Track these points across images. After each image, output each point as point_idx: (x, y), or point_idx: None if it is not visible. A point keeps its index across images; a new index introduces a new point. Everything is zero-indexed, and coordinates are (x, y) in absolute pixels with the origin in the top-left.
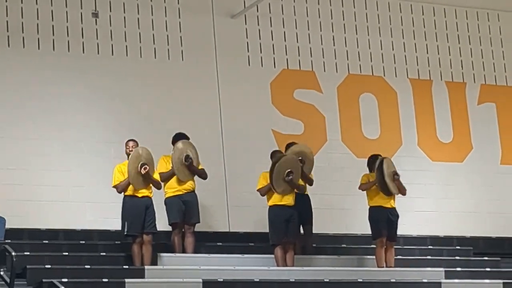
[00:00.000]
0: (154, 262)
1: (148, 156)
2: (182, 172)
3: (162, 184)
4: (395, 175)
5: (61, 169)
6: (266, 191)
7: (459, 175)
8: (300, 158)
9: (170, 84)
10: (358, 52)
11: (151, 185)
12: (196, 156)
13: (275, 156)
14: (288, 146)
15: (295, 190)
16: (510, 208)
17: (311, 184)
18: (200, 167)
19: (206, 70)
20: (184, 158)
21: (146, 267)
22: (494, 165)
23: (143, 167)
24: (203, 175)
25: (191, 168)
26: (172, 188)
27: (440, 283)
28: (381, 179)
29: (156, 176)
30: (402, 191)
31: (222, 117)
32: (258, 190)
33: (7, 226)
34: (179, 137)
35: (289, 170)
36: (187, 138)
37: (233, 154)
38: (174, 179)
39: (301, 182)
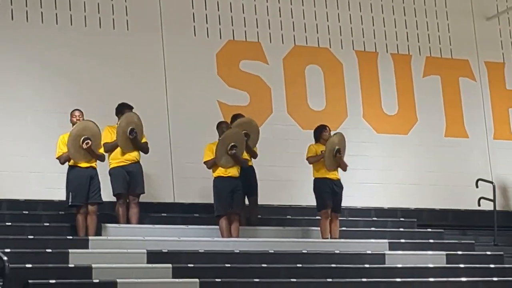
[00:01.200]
0: (98, 232)
1: (93, 130)
2: (126, 144)
3: (106, 155)
4: (337, 153)
5: (5, 139)
6: (212, 164)
7: (403, 147)
8: (245, 131)
9: (115, 54)
10: (304, 24)
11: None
12: (141, 129)
13: (221, 127)
14: (234, 117)
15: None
16: (454, 180)
17: (255, 157)
18: (143, 140)
19: (151, 40)
20: (129, 132)
21: (90, 237)
22: (438, 138)
23: (85, 142)
24: (145, 149)
25: (134, 141)
26: (117, 159)
27: (384, 254)
28: (327, 155)
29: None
30: (343, 167)
31: (167, 87)
32: (204, 163)
33: None
34: (123, 107)
35: (232, 143)
36: (131, 108)
37: (178, 124)
38: (118, 150)
39: (245, 155)
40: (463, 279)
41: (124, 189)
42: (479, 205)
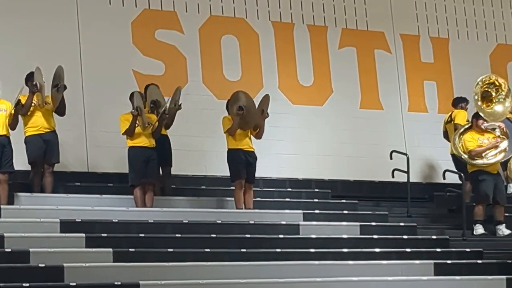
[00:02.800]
0: (10, 201)
1: None
2: (55, 98)
3: (22, 121)
4: (239, 110)
5: None
6: (131, 132)
7: (319, 119)
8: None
9: (28, 19)
10: None
11: (6, 124)
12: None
13: (134, 96)
14: (148, 86)
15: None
16: (369, 152)
17: (168, 127)
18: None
19: (66, 8)
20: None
21: (2, 206)
22: (353, 109)
23: None
24: (62, 108)
25: (58, 96)
26: (33, 127)
27: (298, 225)
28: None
29: None
30: (261, 132)
31: (81, 55)
32: (124, 132)
33: None
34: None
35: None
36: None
37: (93, 93)
38: (35, 118)
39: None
40: (377, 250)
41: (39, 158)
42: (393, 176)
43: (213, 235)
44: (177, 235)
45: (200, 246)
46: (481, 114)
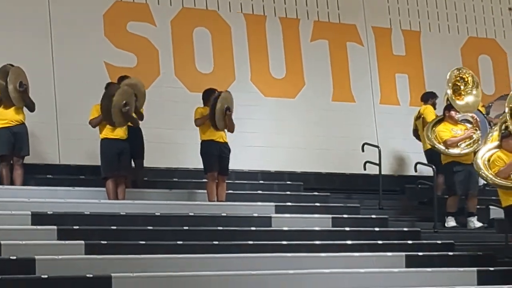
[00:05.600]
0: None
1: None
2: (18, 99)
3: None
4: (227, 111)
5: None
6: (97, 123)
7: (291, 111)
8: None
9: None
10: None
11: None
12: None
13: (110, 88)
14: (120, 78)
15: (130, 123)
16: (341, 144)
17: (141, 120)
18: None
19: (37, 0)
20: (18, 84)
21: None
22: (325, 102)
23: None
24: (31, 105)
25: (24, 95)
26: (2, 119)
27: (270, 217)
28: (213, 113)
29: None
30: (230, 128)
31: (53, 47)
32: (89, 122)
33: None
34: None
35: (125, 101)
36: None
37: (65, 85)
38: (3, 111)
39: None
40: (349, 242)
41: (8, 151)
42: (364, 169)
43: (185, 228)
44: (149, 227)
45: (172, 239)
46: (454, 106)
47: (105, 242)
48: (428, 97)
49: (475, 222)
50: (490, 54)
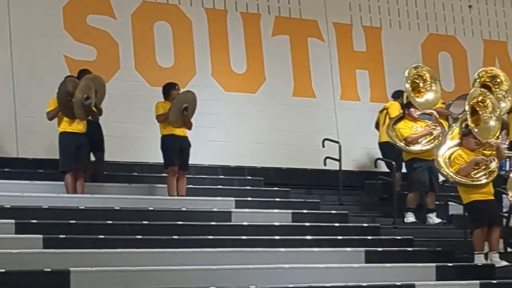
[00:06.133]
0: None
1: None
2: None
3: None
4: (184, 111)
5: None
6: (53, 115)
7: (252, 106)
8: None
9: None
10: None
11: None
12: None
13: (67, 81)
14: (81, 72)
15: (90, 117)
16: (301, 139)
17: (100, 114)
18: None
19: None
20: None
21: None
22: (286, 97)
23: None
24: None
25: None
26: None
27: (230, 212)
28: (173, 111)
29: None
30: (188, 125)
31: (12, 40)
32: (46, 114)
33: None
34: None
35: (86, 95)
36: None
37: (24, 79)
38: None
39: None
40: (308, 237)
41: None
42: (325, 164)
43: (145, 222)
44: (108, 221)
45: (131, 233)
46: (413, 103)
47: (64, 236)
48: (399, 95)
49: (434, 218)
50: (450, 50)
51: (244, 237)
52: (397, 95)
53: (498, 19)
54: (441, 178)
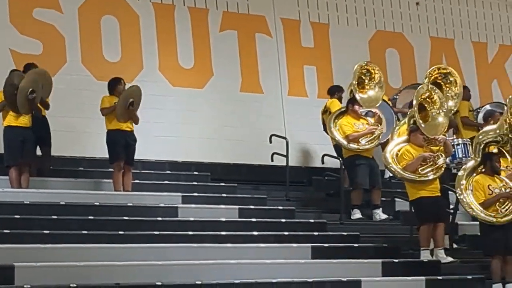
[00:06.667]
0: None
1: None
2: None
3: None
4: (130, 105)
5: None
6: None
7: (199, 101)
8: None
9: None
10: None
11: None
12: None
13: (14, 75)
14: (27, 66)
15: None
16: (248, 135)
17: (47, 109)
18: None
19: None
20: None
21: None
22: (234, 92)
23: None
24: None
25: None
26: None
27: (177, 207)
28: (120, 106)
29: None
30: (135, 120)
31: None
32: None
33: None
34: None
35: (31, 89)
36: None
37: None
38: None
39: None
40: (255, 233)
41: None
42: (272, 160)
43: (91, 217)
44: (53, 216)
45: (77, 228)
46: (357, 99)
47: (8, 231)
48: (335, 91)
49: (380, 214)
50: (397, 47)
51: (190, 233)
52: (333, 91)
53: (445, 16)
54: (387, 174)
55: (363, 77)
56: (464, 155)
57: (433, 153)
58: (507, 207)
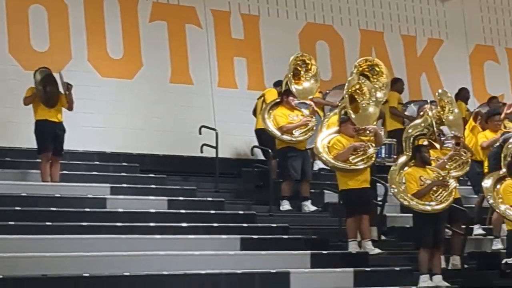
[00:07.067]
0: None
1: None
2: None
3: None
4: (67, 91)
5: None
6: None
7: (128, 92)
8: None
9: None
10: None
11: None
12: None
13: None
14: None
15: None
16: (178, 126)
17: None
18: None
19: None
20: None
21: None
22: (163, 83)
23: None
24: None
25: None
26: None
27: (105, 198)
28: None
29: None
30: (70, 104)
31: None
32: None
33: None
34: None
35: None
36: None
37: None
38: None
39: None
40: (184, 224)
41: None
42: (201, 151)
43: (18, 208)
44: None
45: (4, 219)
46: (291, 89)
47: None
48: (280, 85)
49: (309, 206)
50: (327, 40)
51: (119, 224)
52: (278, 84)
53: (375, 9)
54: (317, 167)
55: (299, 68)
56: (387, 155)
57: (363, 143)
58: (441, 195)
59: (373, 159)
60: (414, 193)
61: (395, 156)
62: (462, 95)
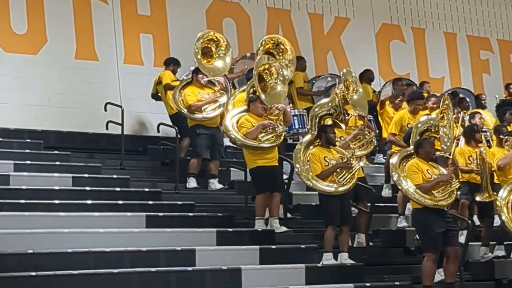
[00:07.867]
0: None
1: None
2: None
3: None
4: None
5: None
6: None
7: (32, 68)
8: None
9: None
10: None
11: None
12: None
13: None
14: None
15: None
16: (83, 103)
17: None
18: None
19: None
20: None
21: None
22: (68, 59)
23: None
24: None
25: None
26: None
27: (8, 175)
28: None
29: None
30: None
31: None
32: None
33: None
34: None
35: None
36: None
37: None
38: None
39: None
40: (89, 201)
41: None
42: (107, 128)
43: None
44: None
45: None
46: (201, 69)
47: None
48: (170, 63)
49: (216, 184)
50: (234, 17)
51: (22, 201)
52: (169, 62)
53: None
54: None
55: (209, 46)
56: (300, 126)
57: (272, 121)
58: (344, 177)
59: (282, 137)
60: (318, 174)
61: (308, 127)
62: (367, 77)
